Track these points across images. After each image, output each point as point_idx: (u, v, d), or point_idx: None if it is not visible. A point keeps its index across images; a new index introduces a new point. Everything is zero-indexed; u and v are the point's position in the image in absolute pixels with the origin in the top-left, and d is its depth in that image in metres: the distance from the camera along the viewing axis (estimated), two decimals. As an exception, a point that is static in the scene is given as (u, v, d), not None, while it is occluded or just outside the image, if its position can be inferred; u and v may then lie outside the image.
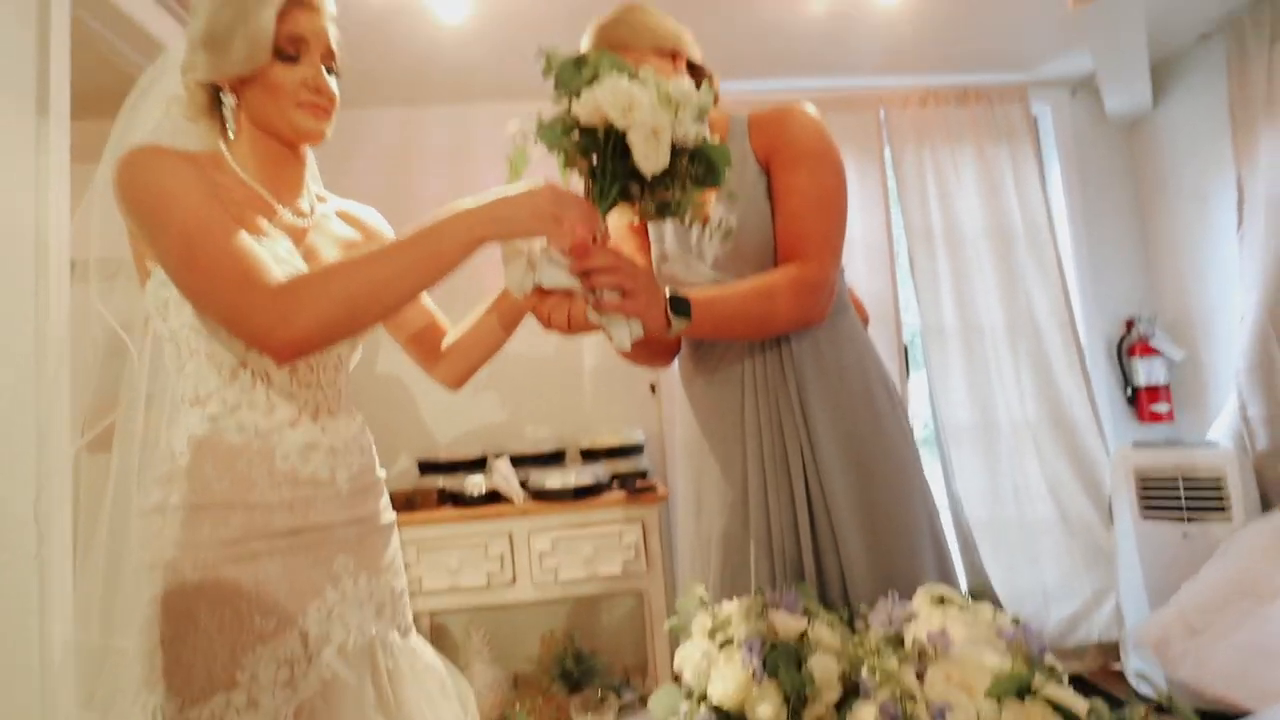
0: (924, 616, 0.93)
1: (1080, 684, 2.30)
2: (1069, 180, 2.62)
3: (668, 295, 0.90)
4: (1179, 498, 2.07)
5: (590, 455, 2.22)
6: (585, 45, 1.07)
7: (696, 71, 1.13)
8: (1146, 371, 2.43)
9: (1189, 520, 2.05)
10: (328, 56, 0.89)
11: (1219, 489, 2.01)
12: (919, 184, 2.47)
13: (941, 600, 0.97)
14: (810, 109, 1.07)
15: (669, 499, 2.12)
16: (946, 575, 1.10)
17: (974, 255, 2.45)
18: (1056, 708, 0.68)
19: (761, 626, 0.89)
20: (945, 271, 2.44)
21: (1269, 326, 2.08)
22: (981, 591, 0.96)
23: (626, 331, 0.84)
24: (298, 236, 0.91)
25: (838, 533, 1.06)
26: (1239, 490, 1.97)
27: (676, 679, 0.89)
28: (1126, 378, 2.52)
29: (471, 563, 1.98)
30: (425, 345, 1.07)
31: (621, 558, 2.01)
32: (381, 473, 0.99)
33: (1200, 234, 2.42)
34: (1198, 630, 1.63)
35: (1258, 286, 2.11)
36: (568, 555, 2.00)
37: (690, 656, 0.86)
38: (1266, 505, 2.02)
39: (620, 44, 1.04)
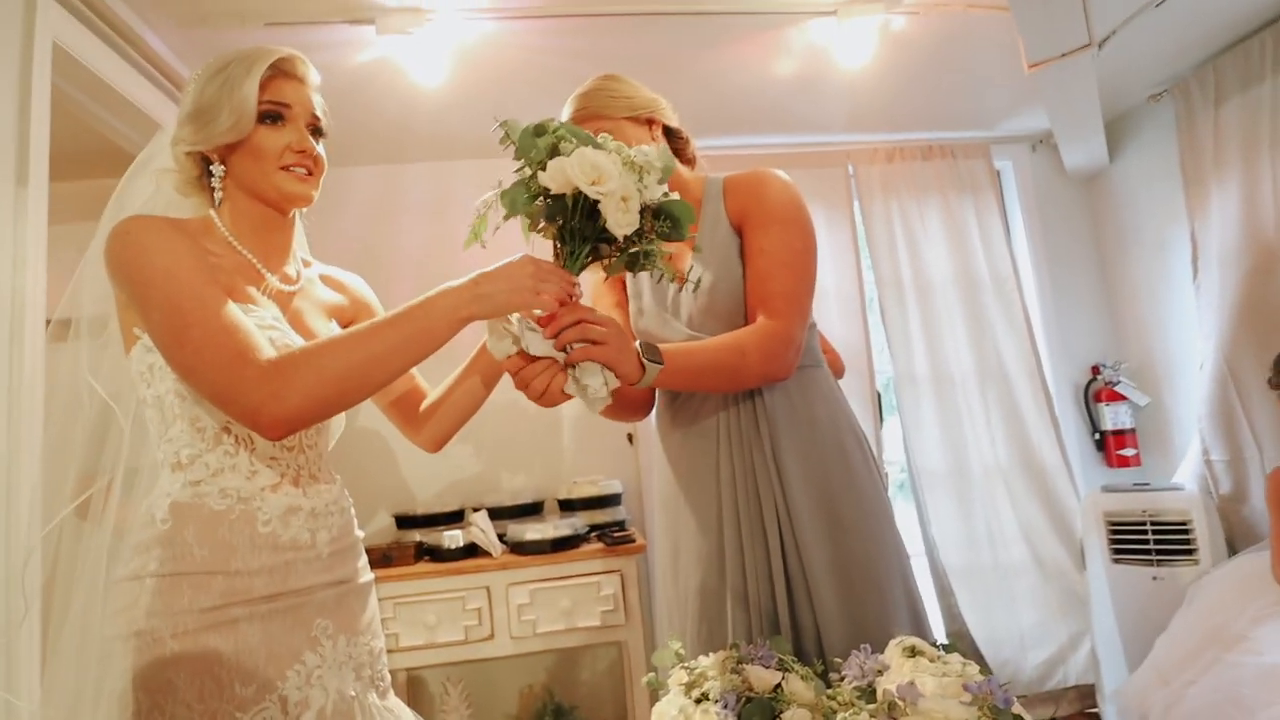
0: (895, 668, 0.94)
1: (1061, 730, 2.30)
2: (1032, 232, 2.73)
3: (639, 345, 0.93)
4: (1148, 541, 2.11)
5: (568, 506, 2.22)
6: (565, 115, 1.12)
7: (673, 135, 1.18)
8: (1113, 416, 2.50)
9: (1158, 564, 2.08)
10: (312, 121, 0.93)
11: (1186, 532, 2.05)
12: (888, 236, 2.56)
13: (913, 651, 0.98)
14: (782, 175, 1.12)
15: (647, 549, 2.13)
16: (919, 625, 1.12)
17: (943, 304, 2.53)
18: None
19: (737, 680, 0.90)
20: (915, 320, 2.51)
21: (1227, 374, 2.15)
22: (953, 643, 0.97)
23: (602, 381, 0.87)
24: (284, 302, 0.94)
25: (811, 585, 1.08)
26: (1205, 534, 2.02)
27: (654, 736, 0.89)
28: (1094, 422, 2.58)
29: (449, 618, 1.96)
30: (406, 410, 1.09)
31: (600, 609, 2.00)
32: (360, 533, 1.00)
33: (1159, 283, 2.52)
34: (1169, 681, 1.65)
35: (1214, 335, 2.19)
36: (546, 608, 1.98)
37: (666, 713, 0.86)
38: (1232, 549, 2.06)
39: (597, 113, 1.10)
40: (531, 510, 2.23)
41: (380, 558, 1.99)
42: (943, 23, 1.99)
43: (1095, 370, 2.58)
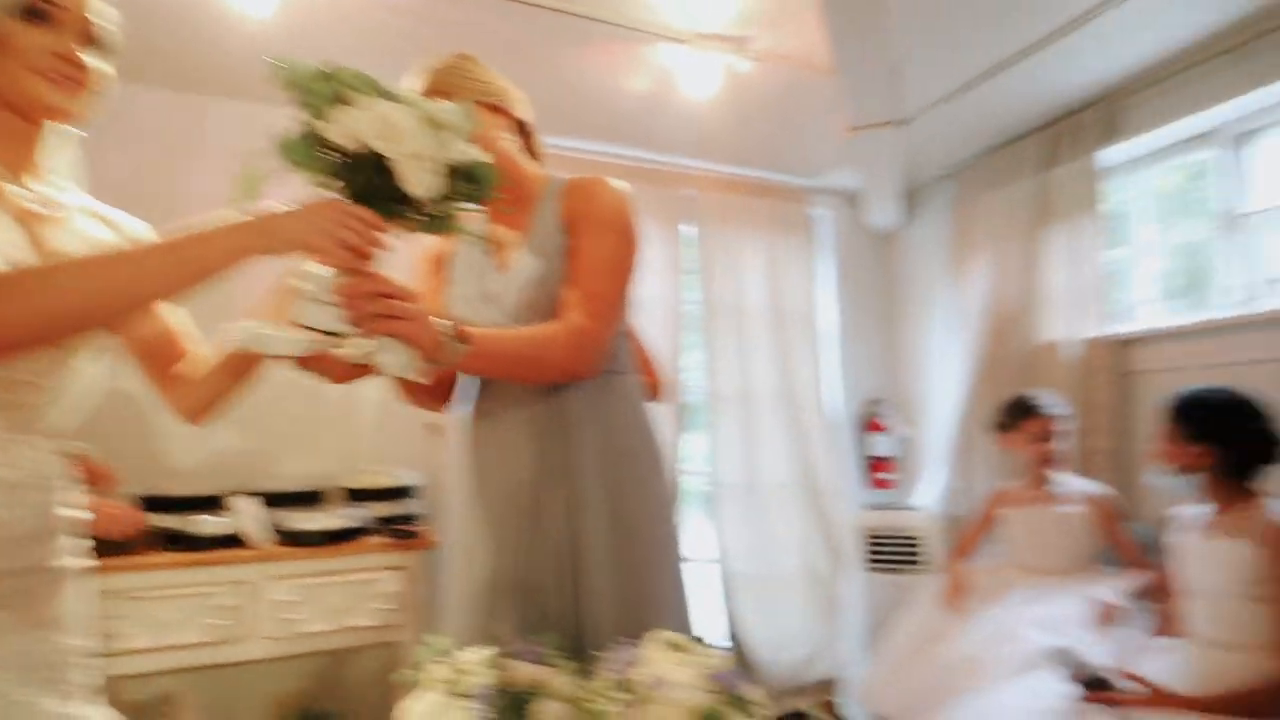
0: (652, 661, 0.97)
1: (803, 717, 2.55)
2: (837, 276, 3.04)
3: (444, 324, 0.88)
4: (895, 553, 2.42)
5: (358, 496, 2.06)
6: (415, 86, 1.05)
7: (523, 128, 1.16)
8: (879, 444, 2.84)
9: (901, 572, 2.39)
10: (85, 27, 0.81)
11: (918, 545, 2.39)
12: (717, 261, 2.71)
13: (672, 646, 1.02)
14: (620, 185, 1.14)
15: (441, 546, 2.03)
16: (684, 624, 1.17)
17: (755, 331, 2.73)
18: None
19: (499, 676, 0.88)
20: (731, 343, 2.69)
21: (969, 416, 2.54)
22: (704, 639, 1.02)
23: (402, 358, 0.81)
24: (31, 223, 0.80)
25: (592, 585, 1.09)
26: (935, 547, 2.36)
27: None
28: (865, 449, 2.91)
29: (192, 615, 1.72)
30: (159, 364, 0.95)
31: (377, 607, 1.87)
32: (69, 510, 0.84)
33: (928, 334, 2.92)
34: (899, 673, 1.89)
35: (963, 381, 2.58)
36: (313, 606, 1.81)
37: (413, 709, 0.82)
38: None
39: (445, 90, 1.06)
40: (311, 498, 2.04)
41: (114, 543, 1.71)
42: (781, 74, 2.16)
43: (872, 403, 2.92)
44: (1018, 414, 2.02)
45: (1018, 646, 1.68)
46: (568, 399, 1.12)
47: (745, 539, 2.61)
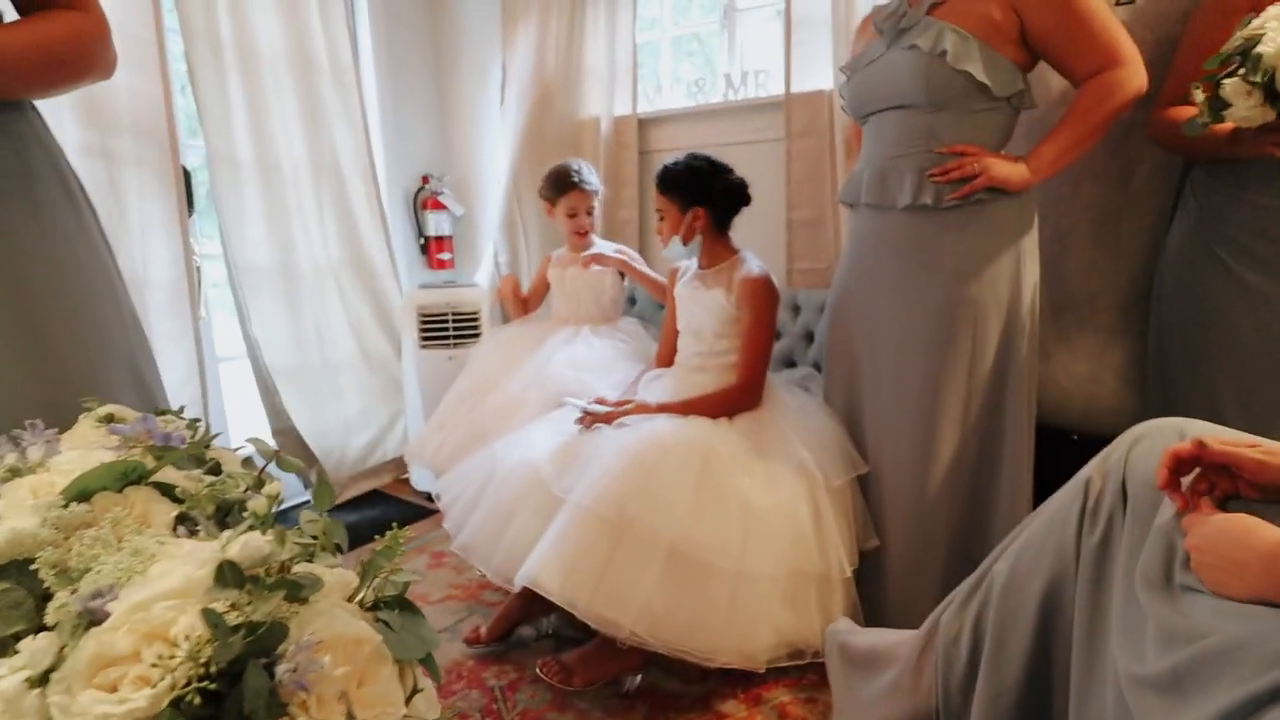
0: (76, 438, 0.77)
1: (377, 495, 2.61)
2: (376, 27, 2.64)
3: None
4: (448, 329, 2.47)
5: None
6: None
7: None
8: (435, 223, 2.76)
9: (454, 346, 2.46)
10: None
11: (476, 320, 2.47)
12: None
13: (109, 419, 0.83)
14: None
15: None
16: (147, 396, 0.99)
17: (272, 82, 2.24)
18: (163, 490, 0.63)
19: None
20: (238, 94, 2.16)
21: (513, 190, 2.60)
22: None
23: None
24: None
25: None
26: (488, 320, 2.48)
27: None
28: (420, 228, 2.80)
29: None
30: None
31: None
32: None
33: (480, 106, 2.81)
34: (446, 427, 1.98)
35: (508, 156, 2.59)
36: None
37: None
38: (506, 331, 2.59)
39: None
40: None
41: None
42: None
43: (425, 180, 2.77)
44: (560, 187, 2.10)
45: (549, 387, 1.89)
46: None
47: (283, 328, 2.34)
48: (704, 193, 1.73)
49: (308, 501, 0.63)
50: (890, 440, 1.56)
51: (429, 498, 2.53)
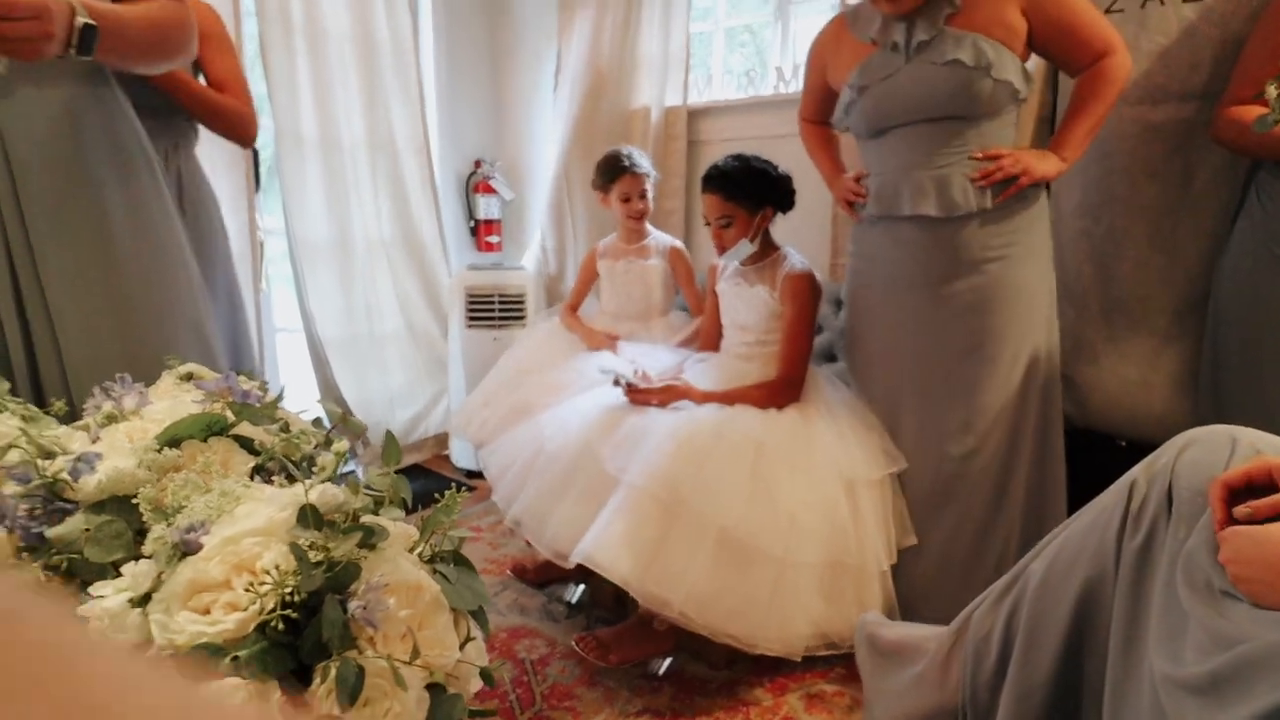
0: (160, 392, 0.84)
1: (417, 469, 2.69)
2: (437, 12, 2.70)
3: None
4: (494, 310, 2.53)
5: None
6: None
7: None
8: (485, 207, 2.82)
9: (500, 327, 2.52)
10: None
11: (521, 302, 2.53)
12: None
13: (189, 377, 0.89)
14: None
15: None
16: (209, 357, 1.06)
17: (337, 61, 2.31)
18: (242, 442, 0.68)
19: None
20: (305, 72, 2.24)
21: (563, 177, 2.63)
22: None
23: None
24: None
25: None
26: (533, 303, 2.53)
27: None
28: (470, 211, 2.86)
29: None
30: None
31: None
32: None
33: (532, 92, 2.85)
34: (491, 403, 2.04)
35: (560, 142, 2.63)
36: None
37: None
38: (550, 315, 2.64)
39: None
40: None
41: None
42: None
43: (477, 164, 2.83)
44: (613, 172, 2.11)
45: (590, 366, 1.92)
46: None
47: (335, 302, 2.42)
48: (771, 191, 1.74)
49: (352, 472, 0.68)
50: (930, 436, 1.57)
51: (468, 474, 2.60)
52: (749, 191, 1.73)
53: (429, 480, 2.59)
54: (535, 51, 2.82)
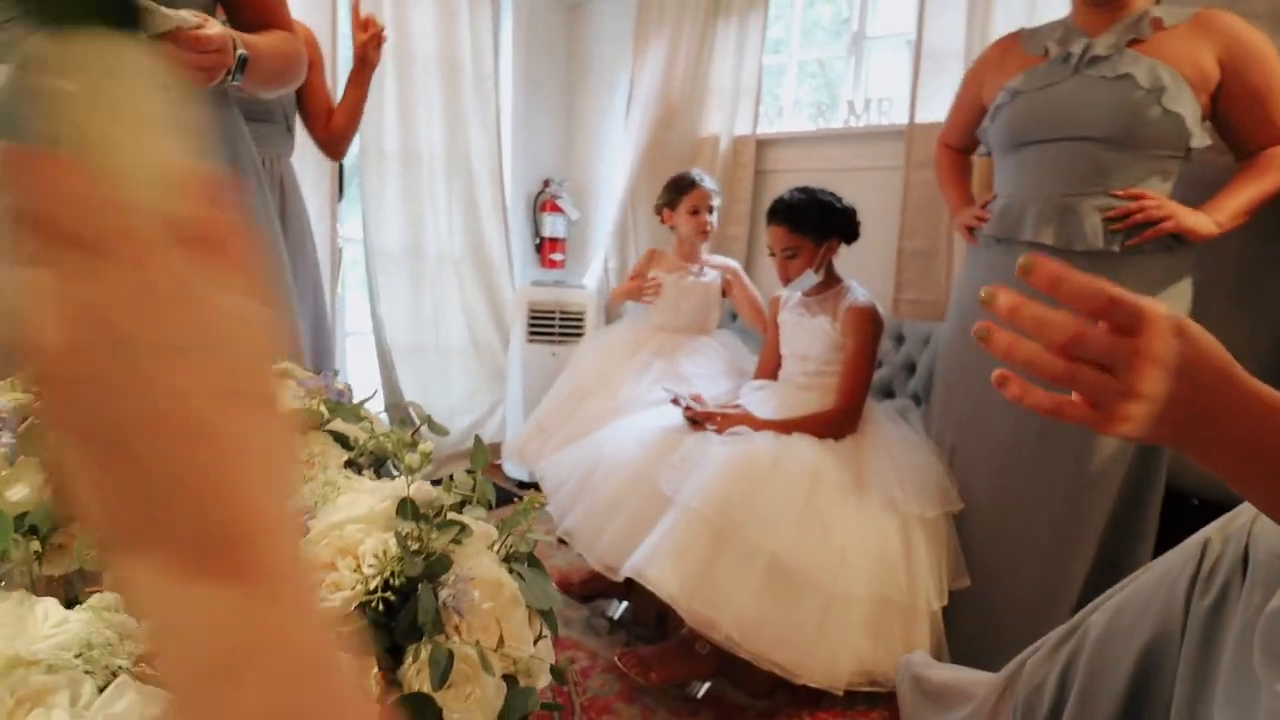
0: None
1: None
2: (518, 39, 2.82)
3: None
4: (554, 326, 2.60)
5: None
6: None
7: None
8: (551, 225, 2.91)
9: (559, 343, 2.59)
10: None
11: (581, 320, 2.59)
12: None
13: (285, 373, 0.95)
14: None
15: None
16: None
17: (421, 83, 2.44)
18: (337, 437, 0.74)
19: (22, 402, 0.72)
20: (391, 93, 2.37)
21: (629, 201, 2.70)
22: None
23: None
24: None
25: None
26: (592, 321, 2.59)
27: None
28: (536, 228, 2.96)
29: None
30: None
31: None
32: None
33: (603, 116, 2.94)
34: (546, 430, 2.09)
35: (628, 166, 2.70)
36: None
37: None
38: (608, 334, 2.69)
39: None
40: None
41: None
42: None
43: (546, 183, 2.93)
44: (683, 188, 2.16)
45: (648, 399, 1.95)
46: None
47: (406, 310, 2.53)
48: (836, 223, 1.76)
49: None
50: (1005, 484, 1.51)
51: (520, 484, 2.66)
52: (814, 224, 1.75)
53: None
54: (609, 76, 2.92)
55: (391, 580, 0.50)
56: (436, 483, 0.66)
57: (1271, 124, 1.29)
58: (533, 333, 2.60)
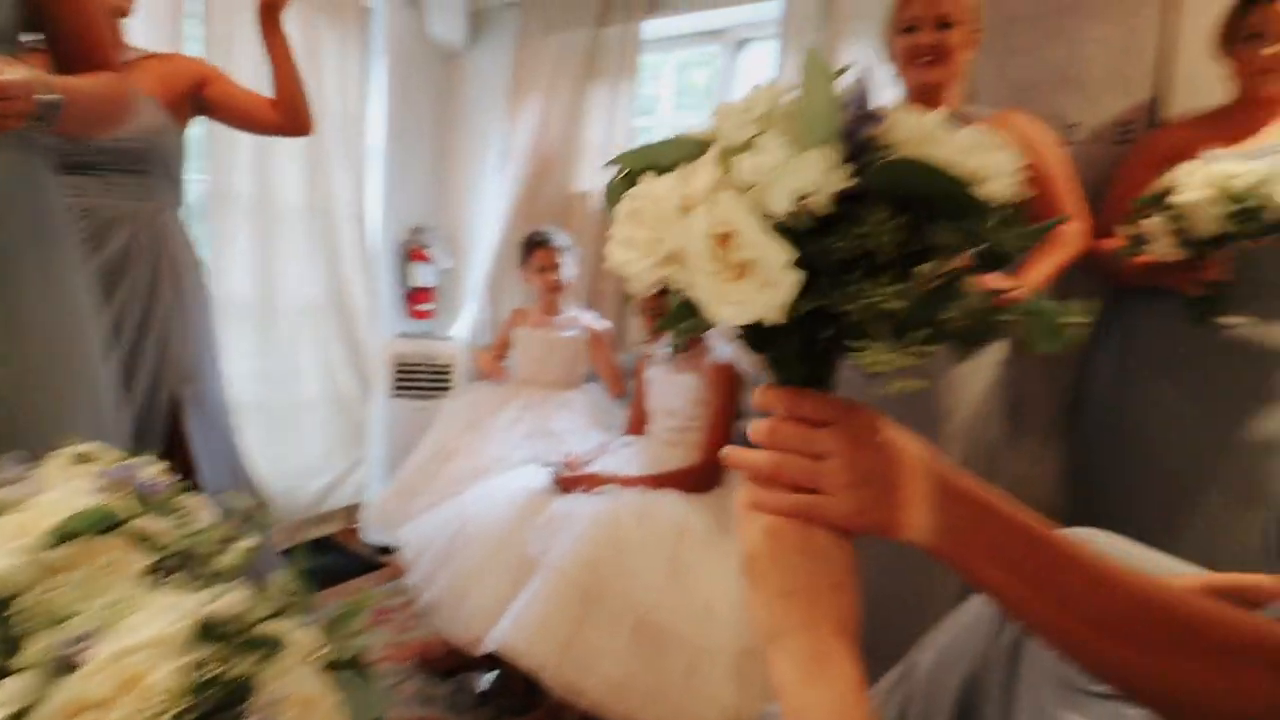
0: (50, 478, 0.79)
1: (326, 542, 2.56)
2: (392, 84, 2.76)
3: None
4: (421, 380, 2.50)
5: None
6: None
7: None
8: (421, 274, 2.82)
9: (426, 397, 2.49)
10: None
11: (449, 373, 2.51)
12: (225, 37, 2.16)
13: (84, 459, 0.85)
14: None
15: None
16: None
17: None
18: (142, 538, 0.66)
19: None
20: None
21: (502, 252, 2.68)
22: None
23: None
24: None
25: None
26: (461, 374, 2.52)
27: None
28: (404, 277, 2.86)
29: None
30: None
31: None
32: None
33: (476, 168, 2.92)
34: (410, 491, 1.99)
35: (501, 218, 2.69)
36: None
37: None
38: (479, 387, 2.62)
39: None
40: None
41: None
42: None
43: (415, 231, 2.85)
44: (531, 246, 2.23)
45: (515, 457, 1.92)
46: None
47: (255, 364, 2.34)
48: None
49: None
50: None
51: (381, 550, 2.50)
52: None
53: (338, 556, 2.47)
54: (482, 128, 2.91)
55: (182, 719, 0.45)
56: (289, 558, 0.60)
57: (1054, 208, 1.55)
58: (398, 387, 2.49)
